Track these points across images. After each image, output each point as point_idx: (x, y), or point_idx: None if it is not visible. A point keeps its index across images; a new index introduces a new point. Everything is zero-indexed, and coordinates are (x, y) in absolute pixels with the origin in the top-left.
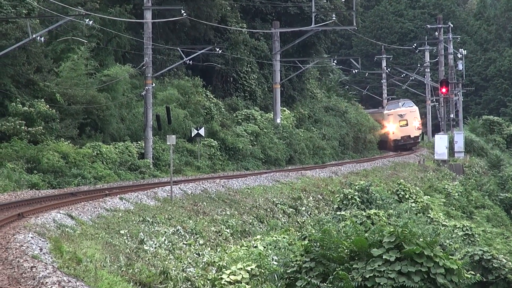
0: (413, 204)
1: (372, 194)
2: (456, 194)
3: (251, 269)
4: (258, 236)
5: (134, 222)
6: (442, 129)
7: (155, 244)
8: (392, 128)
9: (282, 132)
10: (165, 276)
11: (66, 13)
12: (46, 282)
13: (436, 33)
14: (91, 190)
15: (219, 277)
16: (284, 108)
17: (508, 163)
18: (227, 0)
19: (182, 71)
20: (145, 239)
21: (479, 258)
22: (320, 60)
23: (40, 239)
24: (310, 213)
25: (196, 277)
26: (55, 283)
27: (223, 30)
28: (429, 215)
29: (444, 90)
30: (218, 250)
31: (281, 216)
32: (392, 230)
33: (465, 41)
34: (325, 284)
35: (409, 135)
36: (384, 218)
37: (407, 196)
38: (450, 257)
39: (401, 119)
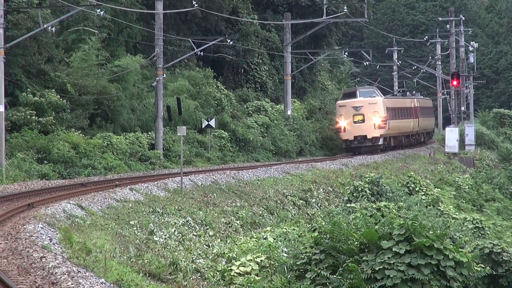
0: (423, 197)
1: (382, 187)
2: (467, 187)
3: (261, 260)
4: (268, 228)
5: (144, 213)
6: (453, 122)
7: (165, 235)
8: (343, 124)
9: (292, 124)
10: (174, 267)
11: (78, 3)
12: (56, 272)
13: (448, 25)
14: (101, 181)
15: (229, 268)
16: (295, 100)
17: None
18: None
19: (193, 62)
20: (155, 230)
21: (489, 251)
22: (331, 52)
23: (50, 229)
24: (320, 205)
25: (206, 268)
26: (65, 273)
27: (234, 21)
28: (439, 207)
29: (455, 82)
30: (228, 241)
31: (291, 207)
32: (402, 222)
33: (477, 34)
34: (334, 276)
35: (365, 135)
36: (394, 210)
37: (417, 188)
38: (460, 250)
39: (355, 113)
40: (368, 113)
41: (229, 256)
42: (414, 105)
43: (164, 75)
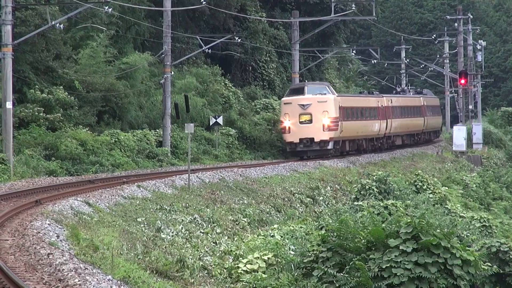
0: (431, 195)
1: (390, 185)
2: (474, 185)
3: (268, 258)
4: (275, 226)
5: (152, 210)
6: (461, 120)
7: (172, 232)
8: (288, 124)
9: None
10: (181, 265)
11: (86, 0)
12: (63, 269)
13: (456, 24)
14: (109, 178)
15: (236, 266)
16: None
17: None
18: None
19: (201, 60)
20: (162, 227)
21: (496, 250)
22: (339, 50)
23: (57, 226)
24: (328, 203)
25: (213, 266)
26: (72, 270)
27: (242, 19)
28: (446, 206)
29: (463, 81)
30: (235, 239)
31: (298, 205)
32: (409, 221)
33: (485, 33)
34: (341, 274)
35: (312, 138)
36: (401, 208)
37: (424, 187)
38: (467, 248)
39: (302, 112)
40: (317, 112)
41: (236, 253)
42: (383, 104)
43: (172, 73)
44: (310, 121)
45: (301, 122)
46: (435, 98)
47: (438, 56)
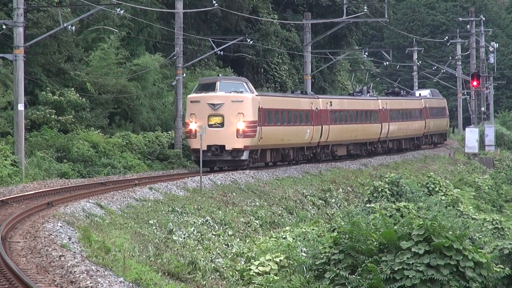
0: (443, 197)
1: (402, 187)
2: (486, 187)
3: (280, 260)
4: (287, 228)
5: (163, 212)
6: (473, 122)
7: (184, 235)
8: (194, 127)
9: None
10: (193, 267)
11: (98, 2)
12: (75, 271)
13: (468, 26)
14: (121, 180)
15: (248, 268)
16: None
17: None
18: None
19: (213, 62)
20: (174, 229)
21: (508, 252)
22: (351, 52)
23: (69, 228)
24: (340, 205)
25: (225, 268)
26: (84, 272)
27: (254, 21)
28: (459, 208)
29: (475, 83)
30: (247, 241)
31: (310, 207)
32: (421, 223)
33: (497, 34)
34: (353, 276)
35: (223, 145)
36: (413, 211)
37: (437, 189)
38: (480, 250)
39: (212, 113)
40: (230, 114)
41: (248, 255)
42: (318, 107)
43: (184, 75)
44: (222, 124)
45: (210, 126)
46: (418, 99)
47: (450, 58)
